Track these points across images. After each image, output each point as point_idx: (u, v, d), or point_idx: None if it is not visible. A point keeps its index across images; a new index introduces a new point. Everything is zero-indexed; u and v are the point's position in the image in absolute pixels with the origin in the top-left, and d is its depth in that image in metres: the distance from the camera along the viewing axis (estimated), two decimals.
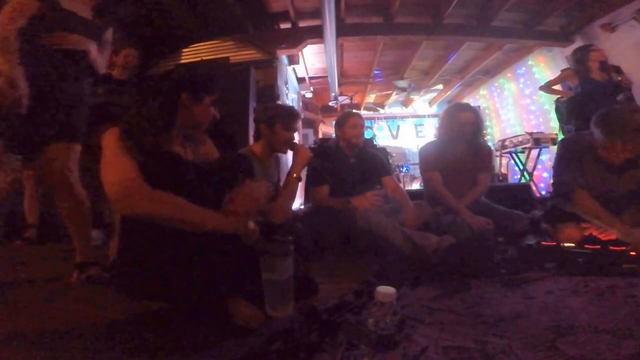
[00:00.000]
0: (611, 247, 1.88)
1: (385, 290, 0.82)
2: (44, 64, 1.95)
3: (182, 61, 5.80)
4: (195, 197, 1.25)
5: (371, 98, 10.63)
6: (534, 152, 5.87)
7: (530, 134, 5.74)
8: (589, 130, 2.20)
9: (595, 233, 2.05)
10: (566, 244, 2.04)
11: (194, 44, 5.90)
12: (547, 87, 4.47)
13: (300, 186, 2.29)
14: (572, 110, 4.16)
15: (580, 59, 4.05)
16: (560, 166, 2.35)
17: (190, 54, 5.87)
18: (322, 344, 1.04)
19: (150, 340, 1.11)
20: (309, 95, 9.08)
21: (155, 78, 1.56)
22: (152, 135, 1.32)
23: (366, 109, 11.07)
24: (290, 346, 1.03)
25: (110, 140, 1.30)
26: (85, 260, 2.02)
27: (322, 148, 2.99)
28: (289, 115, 2.36)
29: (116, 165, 1.24)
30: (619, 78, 3.94)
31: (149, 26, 5.31)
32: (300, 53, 6.61)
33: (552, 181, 2.58)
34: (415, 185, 7.81)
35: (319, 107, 10.19)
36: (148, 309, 1.28)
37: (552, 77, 5.29)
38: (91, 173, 2.02)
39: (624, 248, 1.85)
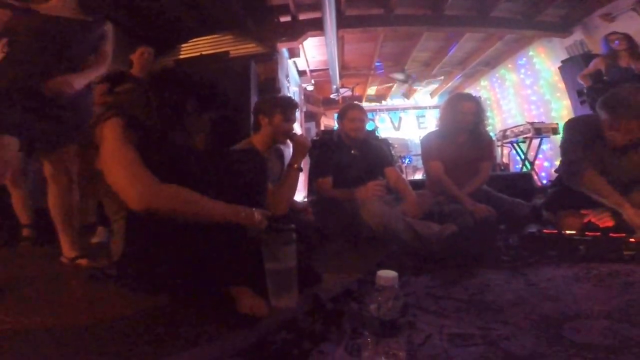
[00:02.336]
0: (611, 234, 1.88)
1: (386, 274, 0.82)
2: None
3: (182, 57, 5.77)
4: (207, 187, 1.26)
5: (372, 90, 10.61)
6: (535, 142, 5.90)
7: (531, 123, 5.77)
8: (592, 114, 2.19)
9: (594, 220, 2.05)
10: (567, 232, 2.06)
11: (192, 38, 5.87)
12: (582, 77, 4.46)
13: (304, 178, 2.29)
14: (596, 98, 4.10)
15: (605, 45, 4.05)
16: (569, 145, 2.29)
17: (190, 49, 5.84)
18: (326, 333, 1.05)
19: (155, 332, 1.11)
20: (310, 88, 9.03)
21: (162, 74, 1.53)
22: (161, 127, 1.31)
23: (368, 101, 11.06)
24: (295, 335, 1.04)
25: (113, 130, 1.25)
26: (77, 255, 2.11)
27: (325, 140, 2.98)
28: (287, 106, 2.35)
29: (122, 159, 1.21)
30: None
31: (147, 22, 5.28)
32: (300, 46, 6.59)
33: (560, 160, 2.51)
34: (418, 176, 7.82)
35: (320, 99, 10.18)
36: (152, 303, 1.28)
37: (552, 68, 5.26)
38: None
39: (623, 235, 1.86)
